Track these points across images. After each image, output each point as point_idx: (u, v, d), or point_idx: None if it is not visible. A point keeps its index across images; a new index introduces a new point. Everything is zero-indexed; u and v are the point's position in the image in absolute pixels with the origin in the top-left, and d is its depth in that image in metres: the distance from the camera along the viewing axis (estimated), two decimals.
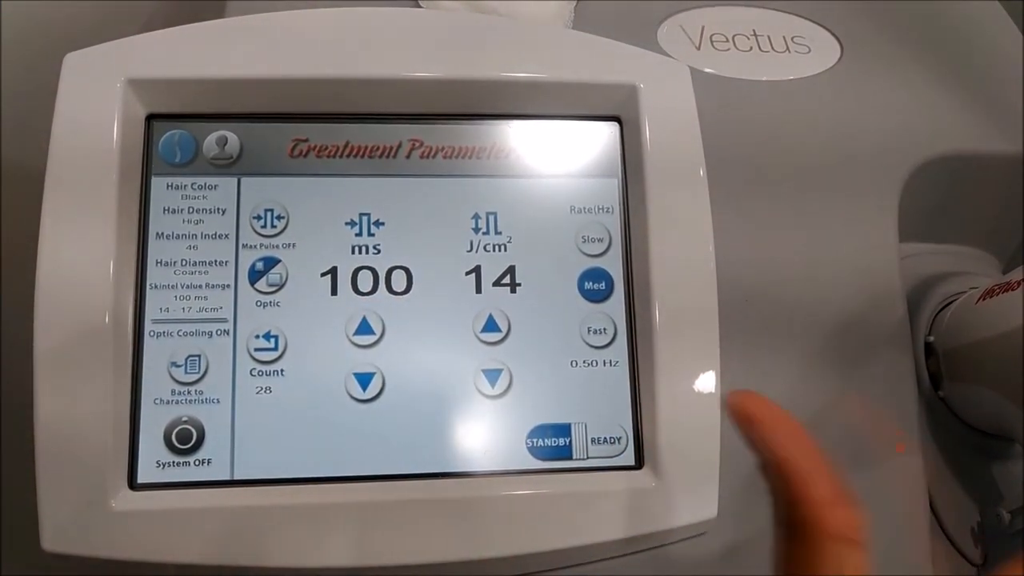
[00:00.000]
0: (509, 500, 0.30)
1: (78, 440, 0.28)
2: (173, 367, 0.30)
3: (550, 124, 0.34)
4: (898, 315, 0.38)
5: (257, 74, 0.32)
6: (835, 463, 0.35)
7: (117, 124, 0.31)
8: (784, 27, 0.46)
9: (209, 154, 0.32)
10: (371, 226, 0.32)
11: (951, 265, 0.45)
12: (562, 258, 0.33)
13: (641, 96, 0.34)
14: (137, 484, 0.29)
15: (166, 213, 0.32)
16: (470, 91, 0.33)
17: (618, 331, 0.33)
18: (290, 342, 0.31)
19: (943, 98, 0.44)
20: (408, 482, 0.30)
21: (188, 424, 0.30)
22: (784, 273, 0.39)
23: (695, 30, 0.45)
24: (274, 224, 0.32)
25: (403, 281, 0.32)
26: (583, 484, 0.31)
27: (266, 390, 0.31)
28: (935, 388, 0.40)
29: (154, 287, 0.31)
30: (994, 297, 0.36)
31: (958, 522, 0.38)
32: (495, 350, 0.32)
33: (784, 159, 0.41)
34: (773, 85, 0.43)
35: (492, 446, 0.31)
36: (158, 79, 0.32)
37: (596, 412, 0.32)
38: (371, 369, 0.31)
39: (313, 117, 0.33)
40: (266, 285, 0.31)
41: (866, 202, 0.40)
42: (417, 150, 0.33)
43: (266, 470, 0.30)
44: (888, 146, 0.42)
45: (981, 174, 0.44)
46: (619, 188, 0.34)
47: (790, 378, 0.37)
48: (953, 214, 0.45)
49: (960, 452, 0.39)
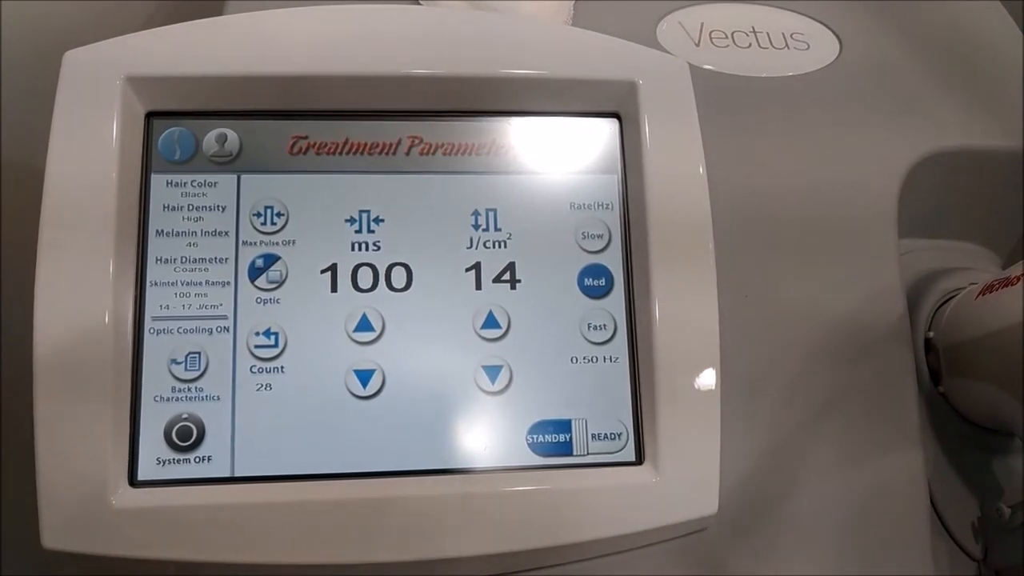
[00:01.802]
0: (510, 496, 0.30)
1: (78, 437, 0.28)
2: (173, 364, 0.30)
3: (550, 121, 0.34)
4: (898, 311, 0.38)
5: (257, 71, 0.32)
6: (834, 457, 0.35)
7: (116, 121, 0.31)
8: (783, 24, 0.46)
9: (209, 151, 0.32)
10: (371, 223, 0.32)
11: (951, 261, 0.45)
12: (562, 254, 0.33)
13: (640, 93, 0.34)
14: (137, 481, 0.29)
15: (166, 210, 0.32)
16: (470, 88, 0.33)
17: (618, 327, 0.33)
18: (290, 339, 0.31)
19: (942, 94, 0.44)
20: (408, 479, 0.30)
21: (188, 421, 0.30)
22: (783, 269, 0.39)
23: (694, 27, 0.45)
24: (274, 221, 0.32)
25: (403, 278, 0.32)
26: (583, 480, 0.31)
27: (266, 387, 0.31)
28: (935, 384, 0.40)
29: (154, 284, 0.31)
30: (994, 292, 0.36)
31: (958, 517, 0.38)
32: (495, 346, 0.32)
33: (783, 155, 0.41)
34: (772, 81, 0.43)
35: (492, 442, 0.31)
36: (158, 76, 0.32)
37: (596, 408, 0.32)
38: (371, 366, 0.31)
39: (313, 114, 0.33)
40: (266, 282, 0.31)
41: (865, 198, 0.40)
42: (417, 147, 0.33)
43: (266, 467, 0.30)
44: (887, 141, 0.42)
45: (980, 170, 0.44)
46: (619, 184, 0.34)
47: (790, 374, 0.37)
48: (953, 210, 0.45)
49: (960, 447, 0.39)
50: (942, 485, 0.38)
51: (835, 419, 0.36)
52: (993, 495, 0.39)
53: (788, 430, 0.36)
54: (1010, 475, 0.39)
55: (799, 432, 0.36)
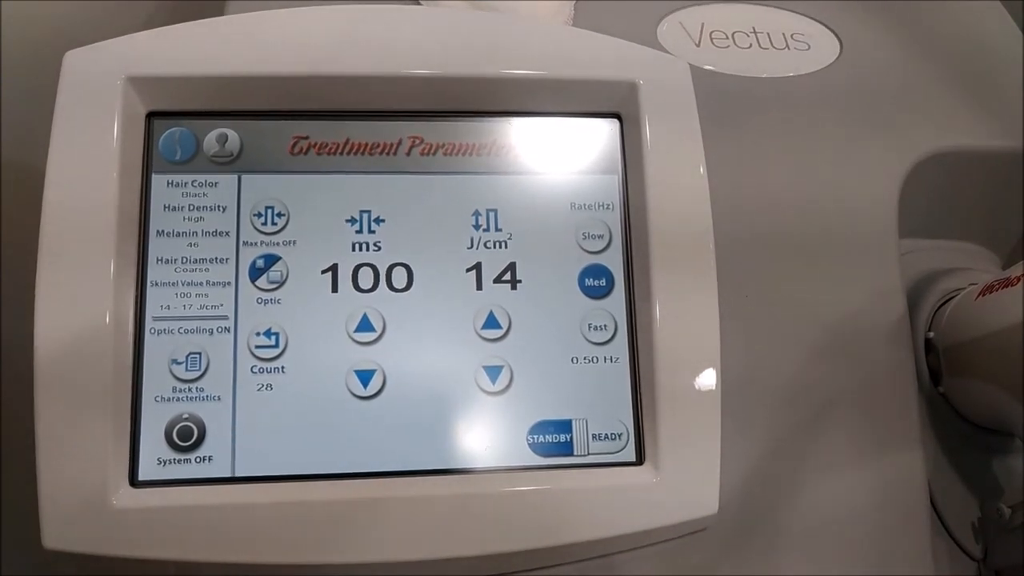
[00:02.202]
0: (510, 496, 0.30)
1: (79, 437, 0.28)
2: (174, 364, 0.30)
3: (550, 121, 0.34)
4: (898, 311, 0.38)
5: (257, 71, 0.32)
6: (834, 457, 0.35)
7: (118, 122, 0.31)
8: (783, 24, 0.46)
9: (210, 151, 0.32)
10: (372, 223, 0.32)
11: (951, 261, 0.45)
12: (562, 254, 0.33)
13: (641, 93, 0.34)
14: (138, 481, 0.29)
15: (167, 210, 0.32)
16: (470, 88, 0.33)
17: (618, 327, 0.33)
18: (291, 339, 0.31)
19: (942, 94, 0.44)
20: (409, 479, 0.30)
21: (189, 421, 0.30)
22: (784, 269, 0.39)
23: (695, 27, 0.45)
24: (275, 221, 0.32)
25: (404, 278, 0.32)
26: (584, 480, 0.31)
27: (267, 387, 0.31)
28: (935, 384, 0.40)
29: (155, 284, 0.31)
30: (994, 293, 0.36)
31: (959, 517, 0.38)
32: (496, 347, 0.32)
33: (783, 156, 0.41)
34: (773, 82, 0.43)
35: (493, 442, 0.31)
36: (158, 76, 0.32)
37: (597, 408, 0.32)
38: (372, 366, 0.31)
39: (313, 114, 0.33)
40: (267, 282, 0.31)
41: (865, 198, 0.40)
42: (417, 147, 0.33)
43: (267, 467, 0.30)
44: (888, 142, 0.42)
45: (981, 170, 0.44)
46: (619, 185, 0.34)
47: (790, 374, 0.37)
48: (953, 210, 0.45)
49: (960, 448, 0.39)
50: (942, 485, 0.39)
51: (835, 419, 0.36)
52: (993, 495, 0.39)
53: (788, 430, 0.36)
54: (1010, 475, 0.40)
55: (799, 432, 0.36)
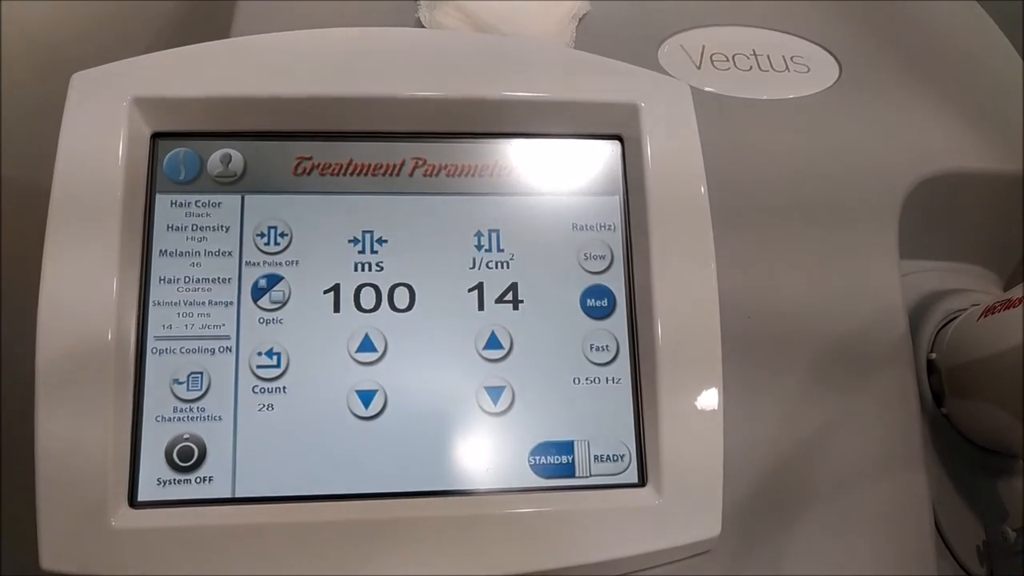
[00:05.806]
0: (512, 518, 0.30)
1: (78, 457, 0.28)
2: (175, 384, 0.30)
3: (552, 143, 0.34)
4: (900, 332, 0.38)
5: (261, 93, 0.32)
6: (837, 479, 0.35)
7: (123, 142, 0.31)
8: (783, 47, 0.47)
9: (213, 172, 0.33)
10: (374, 243, 0.32)
11: (952, 282, 0.45)
12: (564, 275, 0.33)
13: (642, 115, 0.34)
14: (137, 502, 0.29)
15: (170, 230, 0.32)
16: (472, 110, 0.33)
17: (620, 348, 0.33)
18: (292, 359, 0.31)
19: (942, 116, 0.44)
20: (410, 500, 0.30)
21: (190, 441, 0.30)
22: (786, 291, 0.39)
23: (696, 50, 0.46)
24: (277, 241, 0.32)
25: (406, 298, 0.32)
26: (586, 502, 0.31)
27: (268, 407, 0.30)
28: (938, 405, 0.40)
29: (157, 304, 0.31)
30: (995, 314, 0.36)
31: (963, 540, 0.38)
32: (497, 367, 0.32)
33: (784, 178, 0.41)
34: (773, 104, 0.44)
35: (494, 464, 0.31)
36: (163, 98, 0.32)
37: (599, 429, 0.32)
38: (373, 386, 0.31)
39: (317, 135, 0.33)
40: (269, 302, 0.31)
41: (867, 219, 0.40)
42: (420, 168, 0.33)
43: (268, 488, 0.30)
44: (888, 164, 0.42)
45: (981, 191, 0.44)
46: (621, 206, 0.34)
47: (793, 396, 0.37)
48: (953, 231, 0.46)
49: (964, 469, 0.39)
50: (946, 507, 0.38)
51: (838, 440, 0.36)
52: (998, 517, 0.38)
53: (790, 451, 0.36)
54: (1014, 497, 0.39)
55: (801, 453, 0.36)
